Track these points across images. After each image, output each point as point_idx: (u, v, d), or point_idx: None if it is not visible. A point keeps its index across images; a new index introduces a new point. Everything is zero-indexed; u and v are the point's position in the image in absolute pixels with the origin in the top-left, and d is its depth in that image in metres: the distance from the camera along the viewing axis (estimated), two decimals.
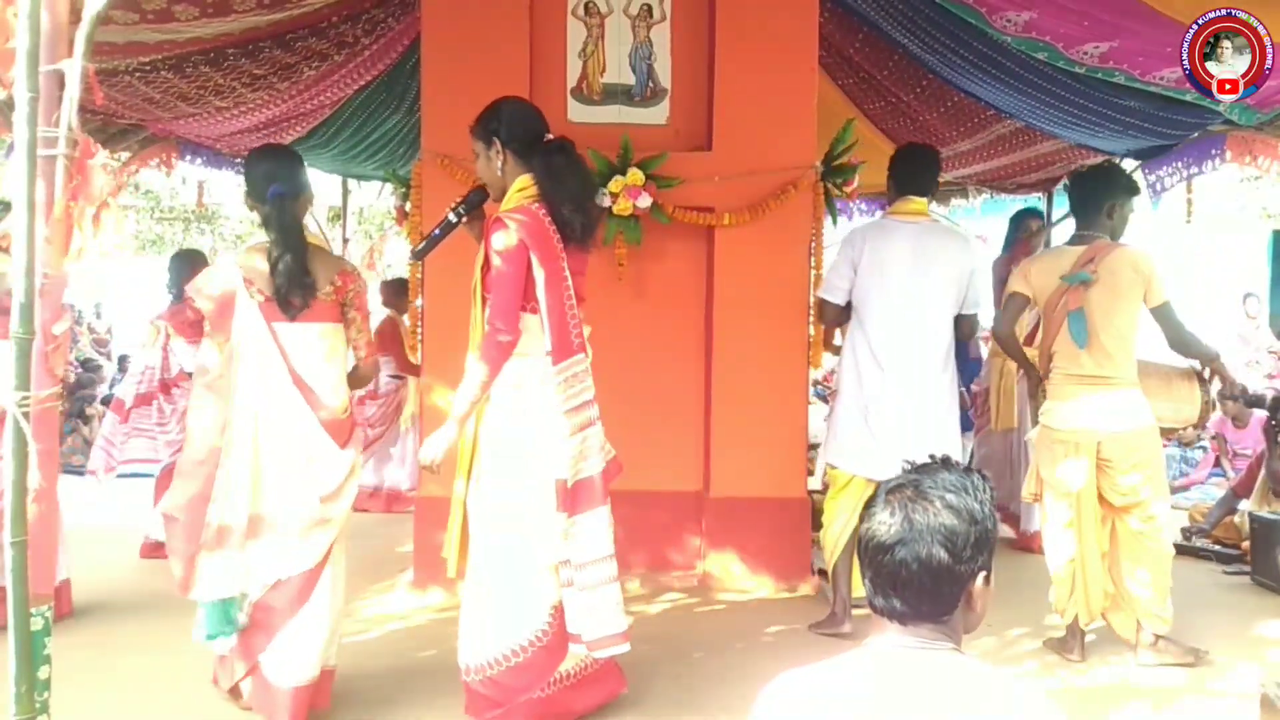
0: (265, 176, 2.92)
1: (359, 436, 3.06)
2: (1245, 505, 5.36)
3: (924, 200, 3.84)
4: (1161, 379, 3.69)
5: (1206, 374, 3.68)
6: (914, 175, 3.84)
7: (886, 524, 1.38)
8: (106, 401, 9.08)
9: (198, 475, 2.83)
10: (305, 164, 3.16)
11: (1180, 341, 3.61)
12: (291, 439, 2.84)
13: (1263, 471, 5.35)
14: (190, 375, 4.73)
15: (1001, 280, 5.21)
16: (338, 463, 2.90)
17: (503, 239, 2.77)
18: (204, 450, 2.83)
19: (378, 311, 6.90)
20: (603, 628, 2.82)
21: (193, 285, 2.90)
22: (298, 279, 2.81)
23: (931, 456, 1.47)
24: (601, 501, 2.87)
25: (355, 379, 3.12)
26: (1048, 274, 3.63)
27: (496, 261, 2.77)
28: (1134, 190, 3.85)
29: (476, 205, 3.02)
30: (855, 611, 3.83)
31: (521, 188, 2.89)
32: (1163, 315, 3.54)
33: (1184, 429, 4.81)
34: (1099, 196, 3.67)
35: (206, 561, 2.80)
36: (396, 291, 6.35)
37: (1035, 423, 3.80)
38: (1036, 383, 3.78)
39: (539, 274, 2.78)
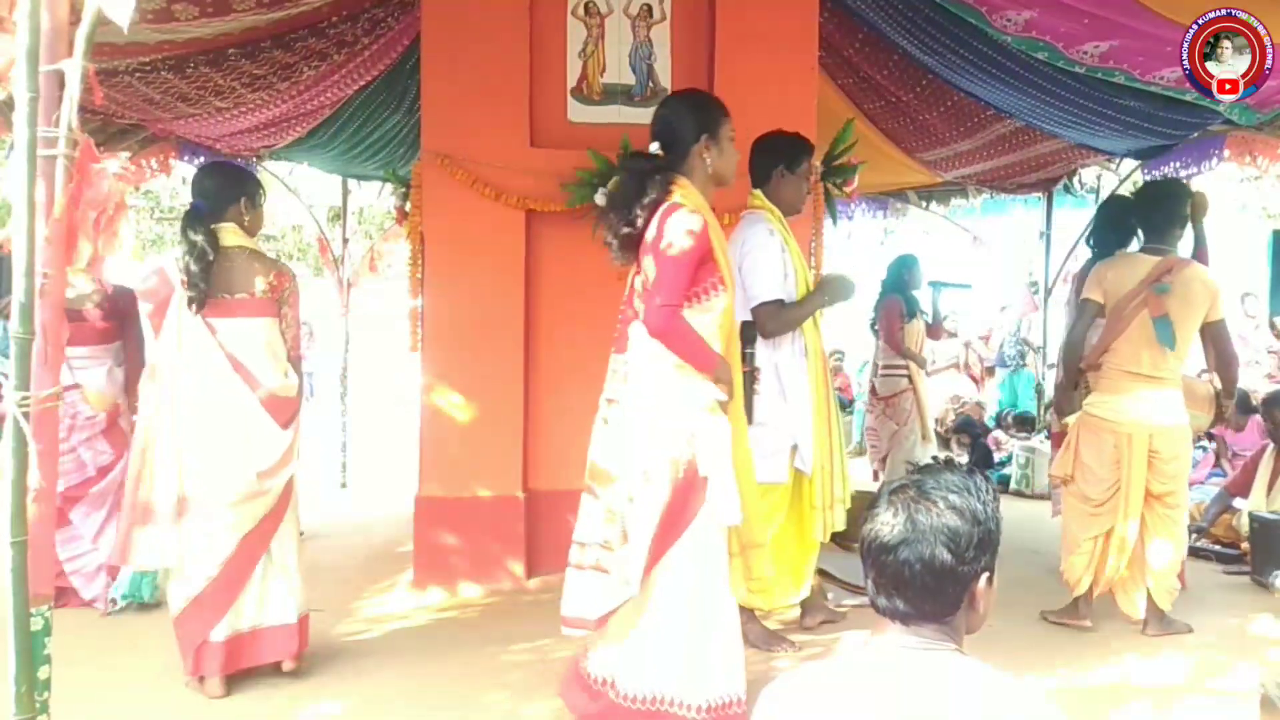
0: (198, 191, 3.34)
1: (299, 420, 3.31)
2: (1240, 504, 5.38)
3: (756, 191, 3.65)
4: (1185, 386, 3.95)
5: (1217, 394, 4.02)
6: (750, 166, 3.65)
7: (889, 524, 1.38)
8: None
9: (137, 456, 3.15)
10: (253, 186, 3.45)
11: (1225, 358, 3.89)
12: (231, 420, 3.13)
13: (1260, 471, 5.35)
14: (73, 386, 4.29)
15: (893, 315, 5.40)
16: (277, 440, 3.20)
17: None
18: (144, 434, 3.14)
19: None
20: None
21: (137, 285, 3.25)
22: (194, 283, 3.12)
23: (934, 458, 1.47)
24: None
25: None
26: (1121, 280, 3.85)
27: None
28: (1190, 197, 4.09)
29: None
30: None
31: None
32: (1217, 331, 3.83)
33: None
34: (1179, 213, 3.91)
35: (139, 534, 3.10)
36: None
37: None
38: (1072, 388, 4.04)
39: None
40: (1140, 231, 4.00)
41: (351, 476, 7.23)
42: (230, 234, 3.26)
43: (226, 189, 3.34)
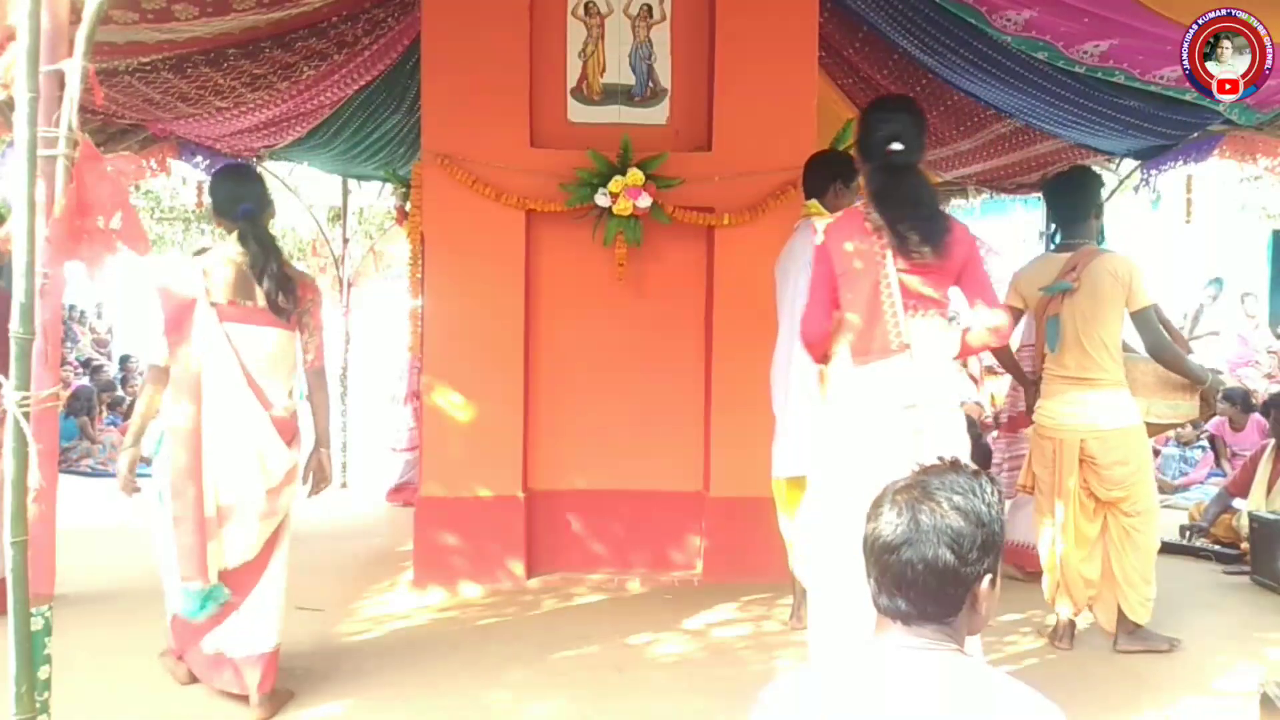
0: (231, 198, 3.14)
1: (300, 439, 3.20)
2: (1239, 504, 5.37)
3: (813, 202, 3.81)
4: (1158, 378, 3.79)
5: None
6: (805, 179, 3.90)
7: (893, 524, 1.37)
8: (116, 406, 9.08)
9: (192, 475, 2.96)
10: (265, 182, 3.44)
11: (1158, 347, 3.67)
12: (244, 435, 3.01)
13: (1260, 471, 5.34)
14: None
15: None
16: (283, 459, 3.08)
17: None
18: (189, 451, 2.96)
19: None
20: None
21: (159, 284, 3.01)
22: (284, 284, 3.04)
23: (940, 458, 1.46)
24: None
25: (313, 382, 3.29)
26: (1036, 282, 3.76)
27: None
28: (1102, 184, 4.01)
29: None
30: None
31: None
32: (1141, 320, 3.63)
33: (1185, 426, 4.85)
34: (1085, 204, 3.80)
35: (211, 548, 2.99)
36: None
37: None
38: (1032, 394, 3.90)
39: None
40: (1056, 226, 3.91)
41: (351, 476, 7.23)
42: None
43: (266, 193, 3.26)
